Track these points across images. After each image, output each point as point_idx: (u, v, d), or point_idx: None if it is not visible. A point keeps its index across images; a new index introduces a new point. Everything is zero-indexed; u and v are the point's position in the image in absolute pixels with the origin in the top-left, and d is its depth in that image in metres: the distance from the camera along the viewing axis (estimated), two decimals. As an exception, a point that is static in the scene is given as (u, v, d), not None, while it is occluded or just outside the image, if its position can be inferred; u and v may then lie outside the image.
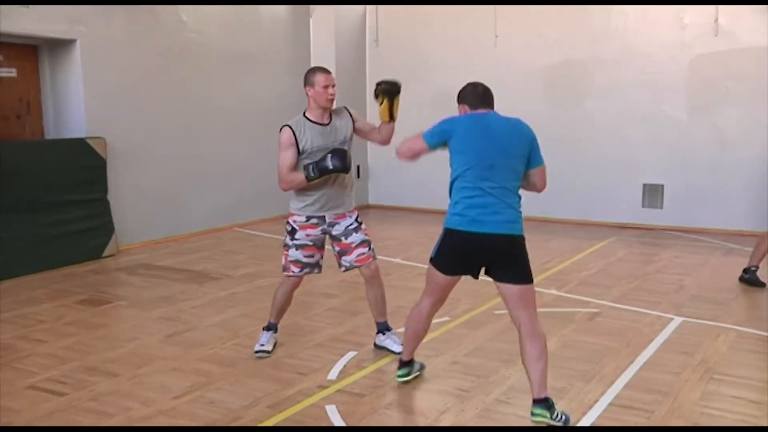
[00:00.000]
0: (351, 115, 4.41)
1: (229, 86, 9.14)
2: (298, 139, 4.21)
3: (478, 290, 6.15)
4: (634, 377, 4.17)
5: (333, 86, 4.23)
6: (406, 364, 4.07)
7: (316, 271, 4.50)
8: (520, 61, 9.96)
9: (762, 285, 6.20)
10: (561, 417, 3.46)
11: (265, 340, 4.59)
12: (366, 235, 4.44)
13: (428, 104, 10.44)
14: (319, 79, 4.19)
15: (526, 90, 9.96)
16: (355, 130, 4.42)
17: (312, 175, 4.18)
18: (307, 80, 4.25)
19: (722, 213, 9.02)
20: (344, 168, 4.20)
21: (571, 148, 9.77)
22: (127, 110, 7.83)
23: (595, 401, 3.82)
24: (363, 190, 11.33)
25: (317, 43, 10.42)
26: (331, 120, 4.32)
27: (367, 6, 11.11)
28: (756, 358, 4.53)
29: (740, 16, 8.70)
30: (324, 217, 4.36)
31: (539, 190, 3.69)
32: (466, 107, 3.63)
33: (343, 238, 4.39)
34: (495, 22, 10.03)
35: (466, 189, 3.49)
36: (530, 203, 11.48)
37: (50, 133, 7.56)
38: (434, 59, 10.47)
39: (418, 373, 4.12)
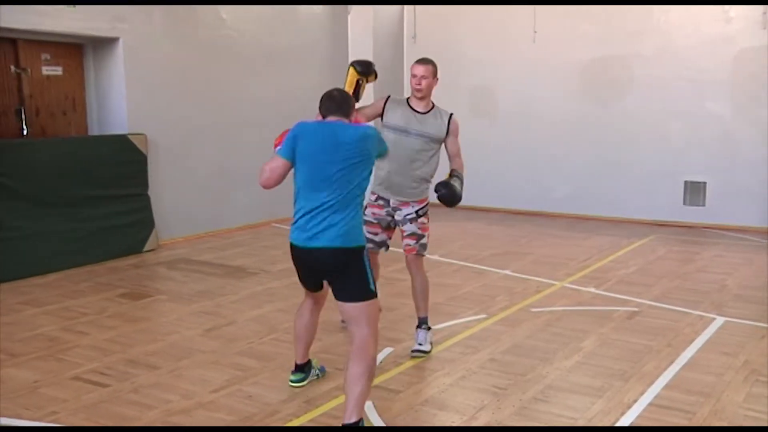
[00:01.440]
0: (449, 126, 4.50)
1: (268, 83, 9.21)
2: (387, 108, 4.51)
3: (513, 287, 6.13)
4: (674, 377, 4.11)
5: (422, 77, 4.41)
6: (300, 368, 3.98)
7: (382, 249, 4.65)
8: (558, 57, 9.84)
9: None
10: None
11: None
12: (419, 229, 4.53)
13: (466, 100, 10.42)
14: (412, 69, 4.46)
15: (565, 86, 9.85)
16: (444, 140, 4.53)
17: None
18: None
19: (767, 211, 8.80)
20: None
21: (611, 144, 9.64)
22: (168, 107, 7.95)
23: (634, 401, 3.78)
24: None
25: (355, 39, 10.42)
26: (428, 113, 4.49)
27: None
28: (802, 360, 4.42)
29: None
30: (389, 200, 4.54)
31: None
32: (320, 115, 3.54)
33: (401, 224, 4.58)
34: (534, 17, 9.92)
35: (299, 200, 3.44)
36: (569, 200, 11.20)
37: (94, 130, 7.72)
38: (472, 54, 10.40)
39: (315, 378, 4.04)
